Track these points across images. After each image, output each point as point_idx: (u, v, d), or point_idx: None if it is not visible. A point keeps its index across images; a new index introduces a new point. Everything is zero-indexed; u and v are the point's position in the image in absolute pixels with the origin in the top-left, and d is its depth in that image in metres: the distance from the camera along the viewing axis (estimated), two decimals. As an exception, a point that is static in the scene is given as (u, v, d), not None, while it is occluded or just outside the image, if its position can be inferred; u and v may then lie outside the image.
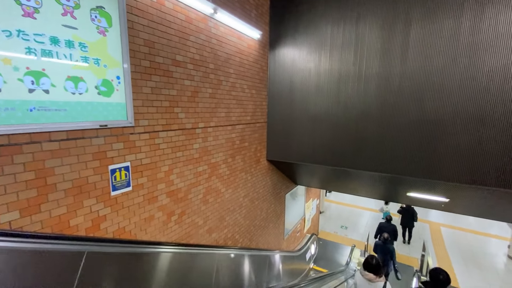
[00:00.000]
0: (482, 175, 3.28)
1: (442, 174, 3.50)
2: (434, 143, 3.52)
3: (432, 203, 4.98)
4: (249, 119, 4.25)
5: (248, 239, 4.66)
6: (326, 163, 4.35)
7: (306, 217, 8.14)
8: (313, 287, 4.89)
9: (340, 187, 6.24)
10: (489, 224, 11.48)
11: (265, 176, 5.03)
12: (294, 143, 4.61)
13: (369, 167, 3.99)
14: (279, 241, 6.15)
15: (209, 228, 3.56)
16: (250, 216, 4.63)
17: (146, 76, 2.46)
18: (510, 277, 7.61)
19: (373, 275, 3.04)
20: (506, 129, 3.10)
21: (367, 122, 3.93)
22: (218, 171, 3.62)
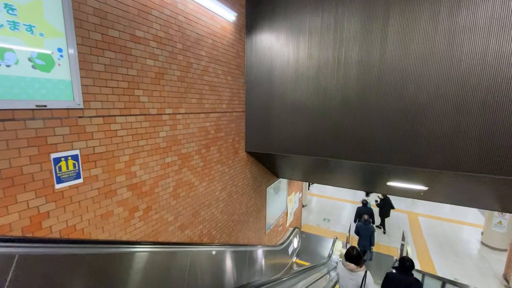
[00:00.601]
0: (462, 161, 3.23)
1: (422, 161, 3.43)
2: (414, 130, 3.43)
3: (411, 192, 4.97)
4: (225, 108, 3.98)
5: (227, 235, 4.43)
6: (307, 154, 4.19)
7: (288, 211, 8.02)
8: (295, 281, 4.76)
9: (322, 179, 6.14)
10: (463, 213, 11.97)
11: (244, 168, 4.80)
12: (274, 133, 4.40)
13: (350, 156, 3.86)
14: (260, 236, 5.97)
15: (181, 224, 3.29)
16: (228, 211, 4.39)
17: (97, 51, 2.13)
18: (483, 262, 7.92)
19: (354, 265, 3.12)
20: (485, 115, 3.05)
21: (347, 110, 3.79)
22: (191, 163, 3.33)
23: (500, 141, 3.03)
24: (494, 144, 3.06)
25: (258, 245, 5.07)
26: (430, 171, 3.42)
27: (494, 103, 3.00)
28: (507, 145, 3.00)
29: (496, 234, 8.45)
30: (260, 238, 6.03)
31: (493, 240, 8.55)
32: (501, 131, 3.01)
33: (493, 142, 3.06)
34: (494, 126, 3.03)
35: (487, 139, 3.09)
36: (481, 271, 7.48)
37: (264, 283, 4.06)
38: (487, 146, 3.10)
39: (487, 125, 3.06)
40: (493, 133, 3.05)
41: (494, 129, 3.04)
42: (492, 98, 3.01)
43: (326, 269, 6.19)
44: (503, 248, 8.41)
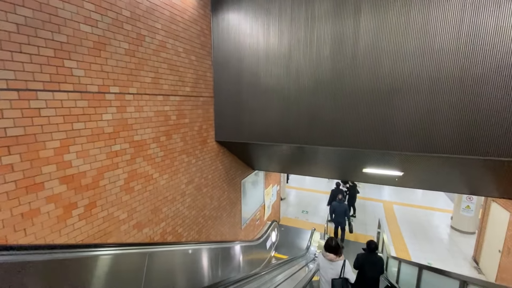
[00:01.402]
0: (437, 142, 3.11)
1: (397, 144, 3.28)
2: (389, 112, 3.26)
3: (387, 179, 4.90)
4: (189, 91, 3.58)
5: (196, 232, 4.06)
6: (281, 141, 3.91)
7: (266, 204, 7.78)
8: (270, 276, 4.51)
9: (298, 169, 5.93)
10: (434, 199, 12.49)
11: (215, 160, 4.43)
12: (245, 120, 4.07)
13: (325, 142, 3.64)
14: (235, 231, 5.66)
15: (137, 222, 2.87)
16: (197, 206, 4.02)
17: (5, 6, 1.66)
18: (453, 246, 8.22)
19: (333, 255, 3.23)
20: (461, 95, 2.93)
21: (321, 92, 3.54)
22: (147, 152, 2.91)
23: (475, 121, 2.93)
24: (469, 125, 2.96)
25: (233, 241, 4.75)
26: (406, 154, 3.28)
27: (470, 83, 2.89)
28: (483, 125, 2.91)
29: (465, 218, 8.81)
30: (236, 233, 5.72)
31: (462, 224, 8.92)
32: (476, 111, 2.91)
33: (469, 123, 2.96)
34: (470, 107, 2.93)
35: (463, 120, 2.98)
36: (452, 254, 7.75)
37: (237, 280, 3.76)
38: (463, 127, 2.99)
39: (463, 105, 2.95)
40: (468, 114, 2.95)
41: (469, 110, 2.94)
42: (468, 78, 2.89)
43: (304, 261, 6.03)
44: (470, 231, 8.80)
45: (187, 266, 3.05)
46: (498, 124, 2.85)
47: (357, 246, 8.15)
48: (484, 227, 6.88)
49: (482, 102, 2.87)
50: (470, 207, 8.61)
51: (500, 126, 2.84)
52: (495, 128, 2.86)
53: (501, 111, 2.81)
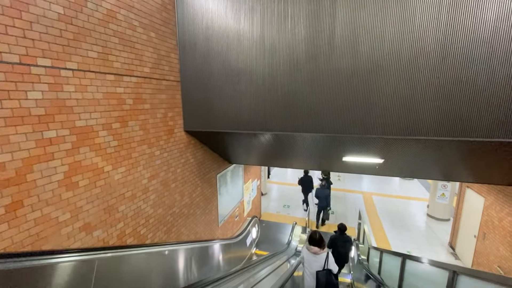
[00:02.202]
0: (419, 125, 2.93)
1: (378, 128, 3.07)
2: (369, 95, 3.04)
3: (367, 168, 4.75)
4: (149, 72, 3.14)
5: (164, 232, 3.65)
6: (255, 129, 3.58)
7: (245, 200, 7.47)
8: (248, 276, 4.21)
9: (277, 161, 5.66)
10: (410, 189, 12.82)
11: (185, 152, 4.03)
12: (216, 107, 3.70)
13: (302, 128, 3.36)
14: (211, 229, 5.29)
15: (85, 224, 2.43)
16: (164, 203, 3.61)
17: None
18: (430, 233, 8.39)
19: (317, 248, 3.25)
20: (443, 74, 2.76)
21: (296, 76, 3.25)
22: (94, 141, 2.47)
23: (458, 102, 2.77)
24: (452, 105, 2.80)
25: (208, 240, 4.38)
26: (387, 138, 3.07)
27: (453, 61, 2.71)
28: (466, 106, 2.75)
29: (440, 205, 9.04)
30: (212, 231, 5.35)
31: (437, 211, 9.15)
32: (459, 91, 2.75)
33: (452, 103, 2.79)
34: (452, 86, 2.76)
35: (445, 101, 2.81)
36: (429, 241, 7.89)
37: (210, 282, 3.42)
38: (445, 108, 2.83)
39: (445, 85, 2.78)
40: (451, 93, 2.78)
41: (452, 89, 2.77)
42: (449, 55, 2.71)
43: (285, 257, 5.80)
44: (445, 218, 9.05)
45: (151, 272, 2.65)
46: (480, 104, 2.70)
47: (338, 238, 8.09)
48: (459, 213, 7.02)
49: (465, 81, 2.71)
50: (445, 195, 8.83)
51: (483, 106, 2.70)
52: (479, 108, 2.72)
53: (485, 89, 2.66)
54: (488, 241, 5.59)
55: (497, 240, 5.28)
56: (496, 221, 5.35)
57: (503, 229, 5.12)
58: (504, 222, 5.11)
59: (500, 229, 5.22)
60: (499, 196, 5.32)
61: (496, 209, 5.39)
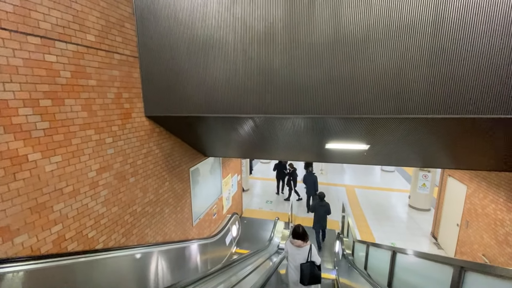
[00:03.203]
0: (410, 102, 2.60)
1: (364, 107, 2.71)
2: (354, 69, 2.67)
3: (352, 156, 4.44)
4: (94, 42, 2.58)
5: (121, 235, 3.11)
6: (228, 112, 3.12)
7: (224, 196, 6.99)
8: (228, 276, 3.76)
9: (256, 153, 5.23)
10: (391, 180, 12.92)
11: (147, 141, 3.48)
12: (182, 88, 3.19)
13: (279, 110, 2.95)
14: (184, 229, 4.78)
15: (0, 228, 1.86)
16: (121, 201, 3.06)
17: None
18: (412, 223, 8.36)
19: (301, 241, 3.31)
20: (437, 42, 2.43)
21: (273, 48, 2.82)
22: (12, 120, 1.90)
23: (453, 75, 2.46)
24: (446, 78, 2.48)
25: (179, 241, 3.87)
26: (375, 117, 2.73)
27: (447, 28, 2.39)
28: (461, 79, 2.44)
29: (421, 196, 9.05)
30: (186, 231, 4.84)
31: (419, 202, 9.17)
32: (454, 63, 2.44)
33: (446, 75, 2.48)
34: (447, 57, 2.44)
35: (439, 73, 2.49)
36: (412, 231, 7.83)
37: None
38: (438, 82, 2.51)
39: (439, 55, 2.45)
40: (445, 65, 2.46)
41: (446, 61, 2.45)
42: (444, 22, 2.38)
43: (268, 254, 5.41)
44: (426, 208, 9.08)
45: (102, 282, 2.14)
46: (477, 78, 2.41)
47: (322, 233, 7.84)
48: (441, 202, 6.97)
49: (460, 52, 2.40)
50: (426, 185, 8.84)
51: (480, 80, 2.40)
52: (475, 82, 2.42)
53: (477, 65, 2.36)
54: (471, 229, 5.51)
55: (480, 228, 5.19)
56: (480, 209, 5.26)
57: (487, 216, 5.02)
58: (487, 209, 5.01)
59: (483, 217, 5.13)
60: (482, 183, 5.23)
61: (479, 196, 5.30)
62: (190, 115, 3.27)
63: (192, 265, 4.21)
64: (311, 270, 3.10)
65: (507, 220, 4.50)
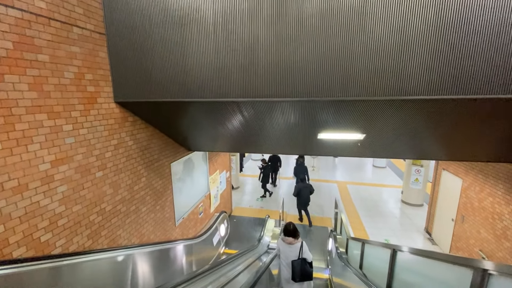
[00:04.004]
0: (407, 83, 2.30)
1: (361, 88, 2.40)
2: (350, 45, 2.35)
3: (346, 147, 4.15)
4: (46, 10, 2.17)
5: (87, 237, 2.71)
6: (209, 96, 2.76)
7: (212, 193, 6.62)
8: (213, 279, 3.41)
9: (243, 146, 4.88)
10: (383, 177, 12.81)
11: (118, 131, 3.09)
12: (158, 70, 2.81)
13: (267, 93, 2.61)
14: (166, 230, 4.39)
15: None
16: (85, 198, 2.66)
17: None
18: (405, 219, 8.20)
19: (292, 238, 3.31)
20: (437, 20, 2.13)
21: (257, 20, 2.47)
22: None
23: (460, 51, 2.17)
24: (446, 60, 2.20)
25: (158, 243, 3.50)
26: (371, 100, 2.42)
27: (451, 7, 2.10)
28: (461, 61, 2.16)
29: (414, 191, 8.91)
30: (167, 232, 4.45)
31: (411, 197, 9.03)
32: (462, 36, 2.15)
33: (446, 58, 2.19)
34: (454, 30, 2.15)
35: (439, 54, 2.20)
36: (405, 227, 7.67)
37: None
38: (437, 63, 2.22)
39: (445, 27, 2.16)
40: (451, 39, 2.17)
41: (453, 34, 2.16)
42: None
43: (257, 254, 5.08)
44: (419, 203, 8.95)
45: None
46: (487, 55, 2.13)
47: (314, 230, 7.58)
48: (435, 197, 6.80)
49: (467, 27, 2.11)
50: (419, 180, 8.70)
51: (490, 57, 2.12)
52: (485, 59, 2.14)
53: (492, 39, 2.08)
54: (467, 224, 5.33)
55: (477, 223, 5.01)
56: (476, 203, 5.08)
57: (484, 210, 4.84)
58: (484, 203, 4.83)
59: (480, 211, 4.95)
60: (479, 176, 5.05)
61: (476, 190, 5.12)
62: (166, 100, 2.89)
63: (174, 268, 3.84)
64: (302, 267, 3.13)
65: (505, 214, 4.31)
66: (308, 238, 7.17)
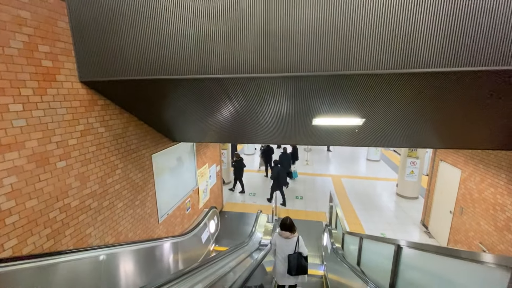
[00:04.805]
0: (416, 53, 1.98)
1: (363, 61, 2.07)
2: (348, 9, 2.01)
3: (343, 135, 3.85)
4: (-21, -41, 1.75)
5: (46, 237, 2.33)
6: (189, 73, 2.38)
7: (200, 188, 6.26)
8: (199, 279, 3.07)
9: (233, 135, 4.52)
10: (377, 170, 12.67)
11: (85, 115, 2.69)
12: (130, 42, 2.41)
13: (256, 68, 2.25)
14: (147, 227, 4.02)
15: None
16: (42, 192, 2.28)
17: None
18: (401, 212, 8.03)
19: (289, 232, 3.32)
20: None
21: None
22: None
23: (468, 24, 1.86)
24: (459, 28, 1.88)
25: (136, 242, 3.13)
26: (375, 74, 2.10)
27: None
28: (477, 28, 1.85)
29: (409, 184, 8.75)
30: (149, 229, 4.08)
31: (406, 190, 8.88)
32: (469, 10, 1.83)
33: (459, 25, 1.88)
34: None
35: (452, 21, 1.88)
36: (401, 220, 7.49)
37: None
38: (450, 31, 1.90)
39: None
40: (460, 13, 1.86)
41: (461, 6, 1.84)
42: None
43: (247, 252, 4.77)
44: (414, 196, 8.81)
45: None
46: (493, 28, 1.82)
47: (308, 225, 7.32)
48: (432, 189, 6.61)
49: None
50: (414, 172, 8.53)
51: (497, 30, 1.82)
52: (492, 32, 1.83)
53: None
54: (466, 216, 5.14)
55: (477, 214, 4.81)
56: (476, 194, 4.87)
57: (485, 201, 4.64)
58: (485, 193, 4.62)
59: (480, 202, 4.74)
60: (479, 166, 4.84)
61: (476, 180, 4.91)
62: (140, 78, 2.50)
63: (156, 269, 3.49)
64: (298, 261, 3.18)
65: (508, 205, 4.11)
66: (306, 231, 6.90)
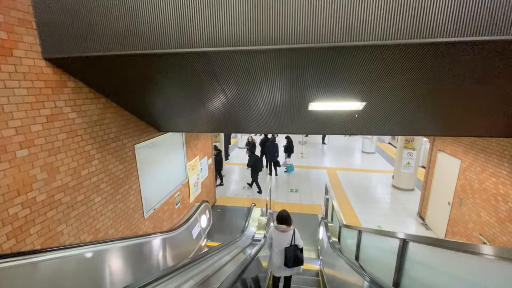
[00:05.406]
0: (427, 20, 1.72)
1: (366, 30, 1.80)
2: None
3: (341, 121, 3.60)
4: None
5: (6, 236, 2.03)
6: (170, 46, 2.08)
7: (191, 182, 5.98)
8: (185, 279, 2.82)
9: (221, 125, 4.23)
10: (372, 162, 12.57)
11: (52, 98, 2.37)
12: (101, 12, 2.08)
13: (244, 39, 1.96)
14: (131, 223, 3.74)
15: None
16: (0, 185, 1.97)
17: None
18: (397, 204, 7.91)
19: (285, 226, 3.35)
20: None
21: None
22: None
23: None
24: None
25: (118, 239, 2.84)
26: (382, 44, 1.83)
27: None
28: None
29: (405, 175, 8.63)
30: (133, 225, 3.80)
31: (402, 181, 8.76)
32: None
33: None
34: None
35: None
36: (397, 212, 7.37)
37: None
38: None
39: None
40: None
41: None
42: None
43: (240, 247, 4.54)
44: (410, 188, 8.70)
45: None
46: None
47: (303, 218, 7.13)
48: (429, 180, 6.47)
49: None
50: (410, 163, 8.40)
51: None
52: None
53: None
54: (465, 207, 4.99)
55: (477, 205, 4.66)
56: (476, 184, 4.72)
57: (485, 192, 4.48)
58: (486, 184, 4.47)
59: (481, 193, 4.59)
60: (480, 155, 4.67)
61: (476, 170, 4.75)
62: (113, 53, 2.18)
63: (141, 267, 3.23)
64: (294, 253, 3.25)
65: (511, 195, 3.95)
66: (301, 225, 6.71)
